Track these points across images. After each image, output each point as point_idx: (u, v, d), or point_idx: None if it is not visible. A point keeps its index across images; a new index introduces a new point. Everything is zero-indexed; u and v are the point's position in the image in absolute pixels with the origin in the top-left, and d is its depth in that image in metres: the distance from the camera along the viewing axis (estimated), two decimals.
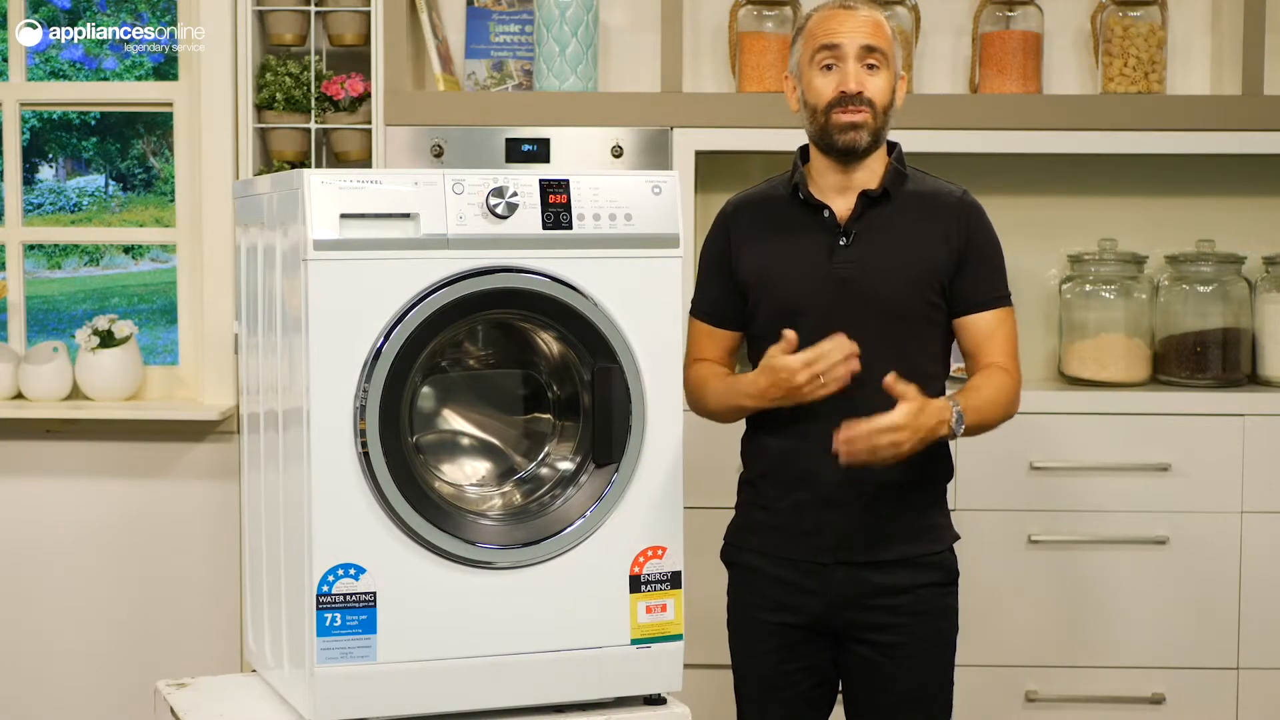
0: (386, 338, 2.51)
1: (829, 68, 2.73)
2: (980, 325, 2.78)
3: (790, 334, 2.66)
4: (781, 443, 2.76)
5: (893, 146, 2.82)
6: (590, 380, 2.64)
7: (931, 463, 2.78)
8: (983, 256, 2.78)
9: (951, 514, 2.86)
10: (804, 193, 2.79)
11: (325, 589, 2.50)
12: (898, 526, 2.76)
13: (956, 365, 2.97)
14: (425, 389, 2.72)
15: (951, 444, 2.83)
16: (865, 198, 2.75)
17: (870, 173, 2.77)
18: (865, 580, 2.75)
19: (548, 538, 2.62)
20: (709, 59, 4.03)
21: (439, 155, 3.71)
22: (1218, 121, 3.73)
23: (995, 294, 2.79)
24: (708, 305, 2.88)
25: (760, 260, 2.80)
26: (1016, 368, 2.79)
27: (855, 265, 2.73)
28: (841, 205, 2.77)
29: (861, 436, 2.56)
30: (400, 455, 2.53)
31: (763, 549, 2.81)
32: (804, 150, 2.84)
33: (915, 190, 2.79)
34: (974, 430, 2.72)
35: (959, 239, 2.76)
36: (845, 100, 2.71)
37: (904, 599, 2.75)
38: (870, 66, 2.72)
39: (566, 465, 2.71)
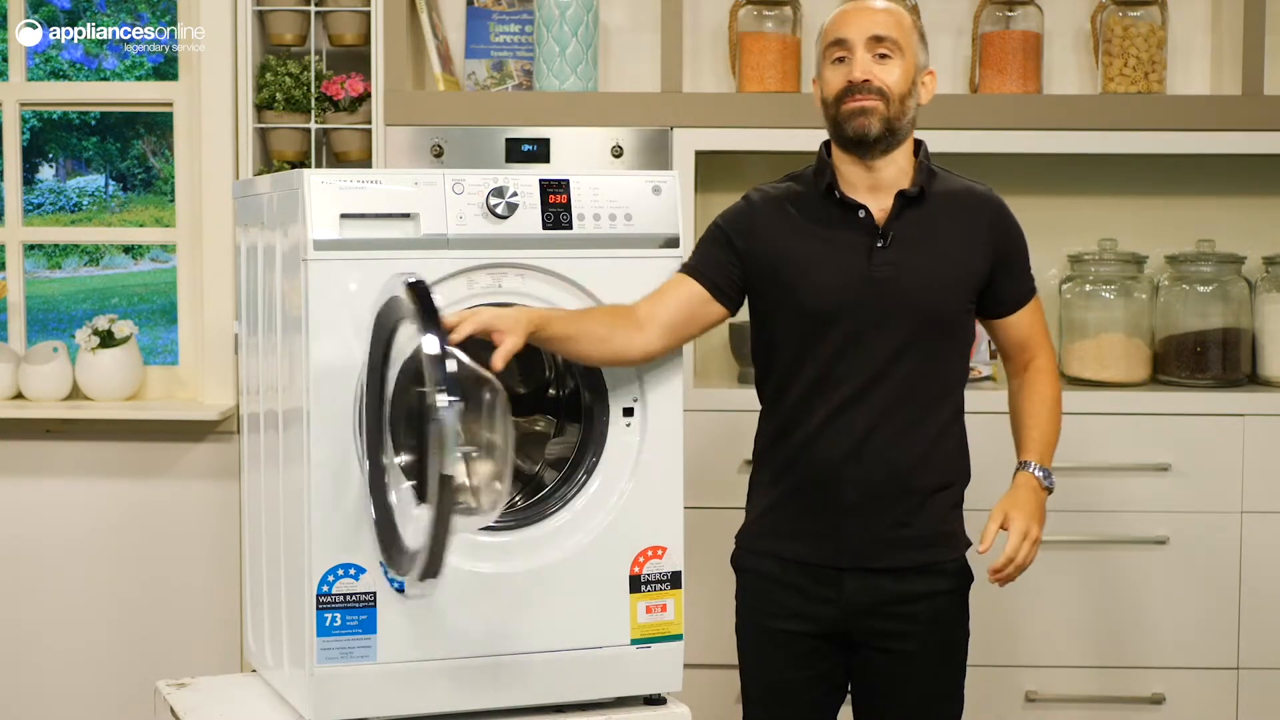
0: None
1: (840, 61, 2.69)
2: (1022, 323, 2.82)
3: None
4: (800, 447, 2.69)
5: (919, 145, 2.75)
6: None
7: (952, 468, 2.75)
8: (1019, 254, 2.79)
9: None
10: (839, 191, 2.70)
11: (325, 589, 2.50)
12: (916, 533, 2.70)
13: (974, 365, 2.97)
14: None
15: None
16: (902, 198, 2.68)
17: (899, 170, 2.70)
18: (881, 588, 2.69)
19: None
20: (709, 59, 4.03)
21: (439, 155, 3.71)
22: (1218, 121, 3.73)
23: (1029, 288, 2.82)
24: (695, 260, 2.72)
25: (789, 260, 2.68)
26: (1052, 352, 2.87)
27: (894, 267, 2.65)
28: (876, 205, 2.68)
29: (1012, 570, 2.70)
30: None
31: (778, 554, 2.73)
32: (826, 146, 2.75)
33: (945, 189, 2.74)
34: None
35: (996, 239, 2.74)
36: (853, 90, 2.65)
37: (920, 607, 2.71)
38: (881, 56, 2.67)
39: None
